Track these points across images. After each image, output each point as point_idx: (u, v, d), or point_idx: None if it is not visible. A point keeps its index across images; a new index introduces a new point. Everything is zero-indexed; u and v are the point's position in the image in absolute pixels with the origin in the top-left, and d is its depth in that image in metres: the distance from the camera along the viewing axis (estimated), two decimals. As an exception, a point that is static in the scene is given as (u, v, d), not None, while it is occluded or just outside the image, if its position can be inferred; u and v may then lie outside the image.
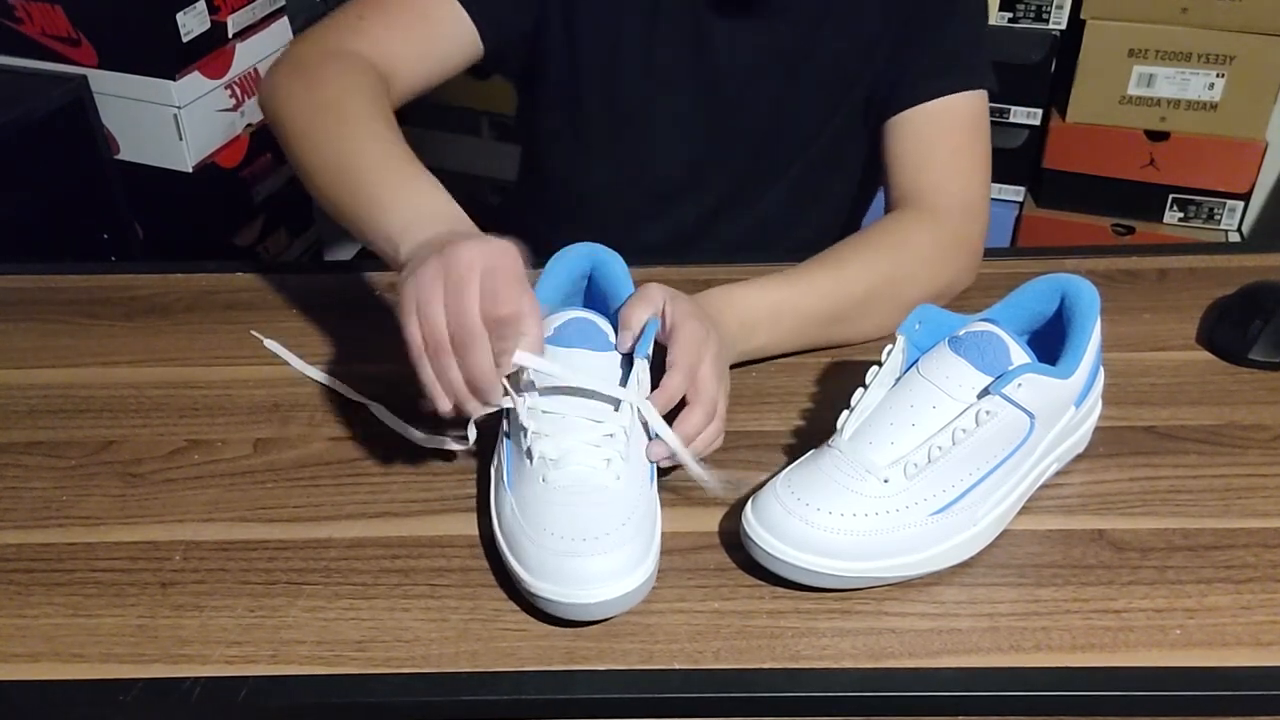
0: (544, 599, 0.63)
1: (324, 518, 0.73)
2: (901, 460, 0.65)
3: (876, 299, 0.86)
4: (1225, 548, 0.68)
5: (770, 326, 0.82)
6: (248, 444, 0.79)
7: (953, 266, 0.91)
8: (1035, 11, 1.87)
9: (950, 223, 0.92)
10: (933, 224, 0.91)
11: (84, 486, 0.76)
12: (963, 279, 0.92)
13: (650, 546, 0.65)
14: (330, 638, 0.64)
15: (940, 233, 0.91)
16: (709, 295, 0.80)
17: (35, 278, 1.01)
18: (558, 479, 0.66)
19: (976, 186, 0.96)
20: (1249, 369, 0.83)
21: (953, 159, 0.96)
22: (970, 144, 0.96)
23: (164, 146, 1.65)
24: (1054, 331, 0.72)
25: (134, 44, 1.60)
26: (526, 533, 0.65)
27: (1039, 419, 0.66)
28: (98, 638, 0.65)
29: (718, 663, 0.62)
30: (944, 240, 0.91)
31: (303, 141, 0.82)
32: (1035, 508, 0.71)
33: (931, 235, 0.90)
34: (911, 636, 0.63)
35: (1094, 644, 0.62)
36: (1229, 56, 1.80)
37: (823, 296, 0.84)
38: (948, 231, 0.91)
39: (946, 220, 0.92)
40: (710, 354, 0.72)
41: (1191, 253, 0.98)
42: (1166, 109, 1.87)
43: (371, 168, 0.76)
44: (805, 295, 0.84)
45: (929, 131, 0.95)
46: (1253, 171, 1.90)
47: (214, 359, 0.89)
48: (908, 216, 0.93)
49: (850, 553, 0.64)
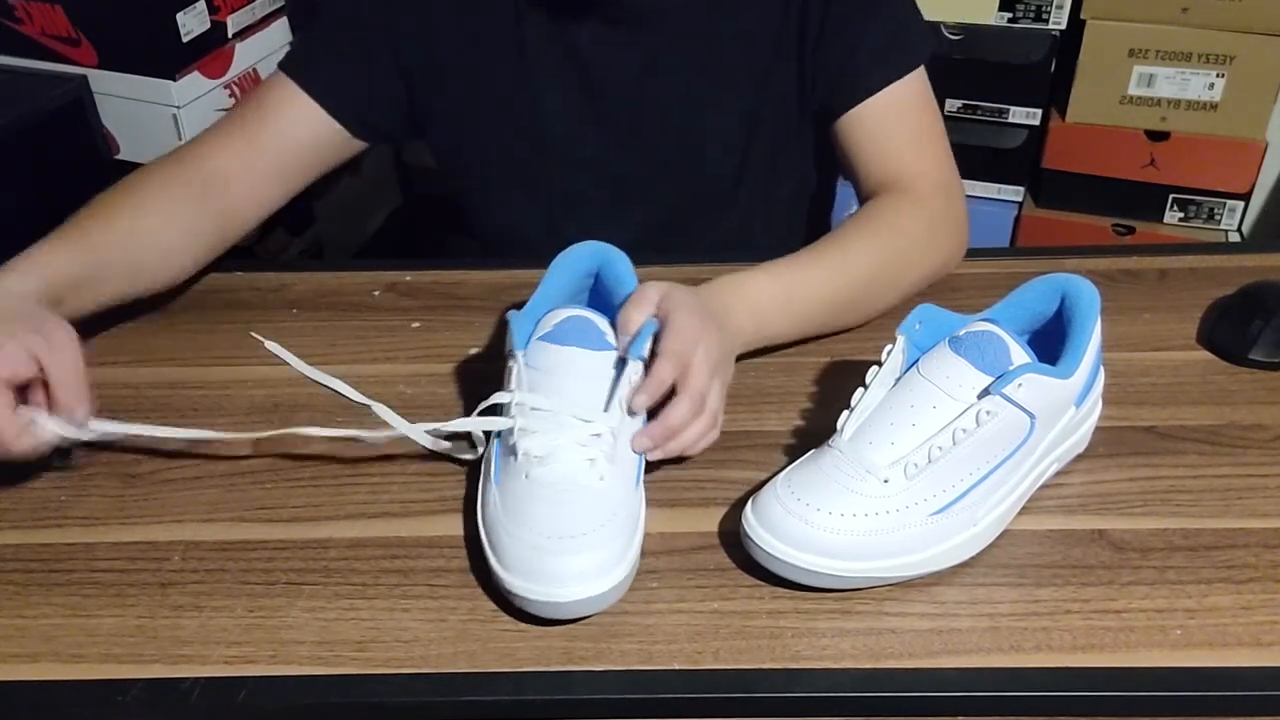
0: (519, 595, 0.63)
1: (324, 518, 0.73)
2: (901, 460, 0.65)
3: (879, 282, 0.86)
4: (1225, 548, 0.68)
5: (781, 313, 0.82)
6: (247, 444, 0.79)
7: (945, 246, 0.91)
8: (1035, 11, 1.87)
9: (933, 204, 0.91)
10: (917, 207, 0.91)
11: (83, 486, 0.76)
12: (954, 257, 0.93)
13: (629, 548, 0.65)
14: (330, 638, 0.64)
15: (926, 215, 0.91)
16: (716, 285, 0.80)
17: (35, 278, 1.01)
18: (541, 476, 0.66)
19: (945, 163, 0.95)
20: (1249, 369, 0.83)
21: (916, 143, 0.95)
22: (928, 124, 0.96)
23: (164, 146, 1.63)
24: (1054, 331, 0.72)
25: (134, 44, 1.60)
26: (507, 529, 0.65)
27: (1039, 419, 0.66)
28: (97, 638, 0.65)
29: (717, 663, 0.62)
30: (933, 221, 0.91)
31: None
32: (1035, 508, 0.71)
33: (919, 217, 0.90)
34: (911, 636, 0.63)
35: (1094, 644, 0.62)
36: (1229, 56, 1.80)
37: (830, 281, 0.84)
38: (933, 213, 0.91)
39: (930, 202, 0.91)
40: (705, 345, 0.71)
41: (1191, 253, 0.98)
42: (1166, 109, 1.87)
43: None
44: (812, 280, 0.84)
45: (885, 123, 0.94)
46: (1253, 171, 1.90)
47: (214, 359, 0.89)
48: (891, 201, 0.91)
49: (850, 553, 0.64)
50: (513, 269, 0.97)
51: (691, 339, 0.71)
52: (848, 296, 0.85)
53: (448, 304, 0.94)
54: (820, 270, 0.84)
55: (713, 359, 0.72)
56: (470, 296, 0.95)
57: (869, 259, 0.86)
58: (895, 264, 0.88)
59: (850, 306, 0.86)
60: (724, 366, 0.75)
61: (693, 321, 0.71)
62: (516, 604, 0.64)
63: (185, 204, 0.89)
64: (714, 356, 0.72)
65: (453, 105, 0.99)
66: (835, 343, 0.87)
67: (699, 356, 0.71)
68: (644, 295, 0.73)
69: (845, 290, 0.85)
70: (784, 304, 0.82)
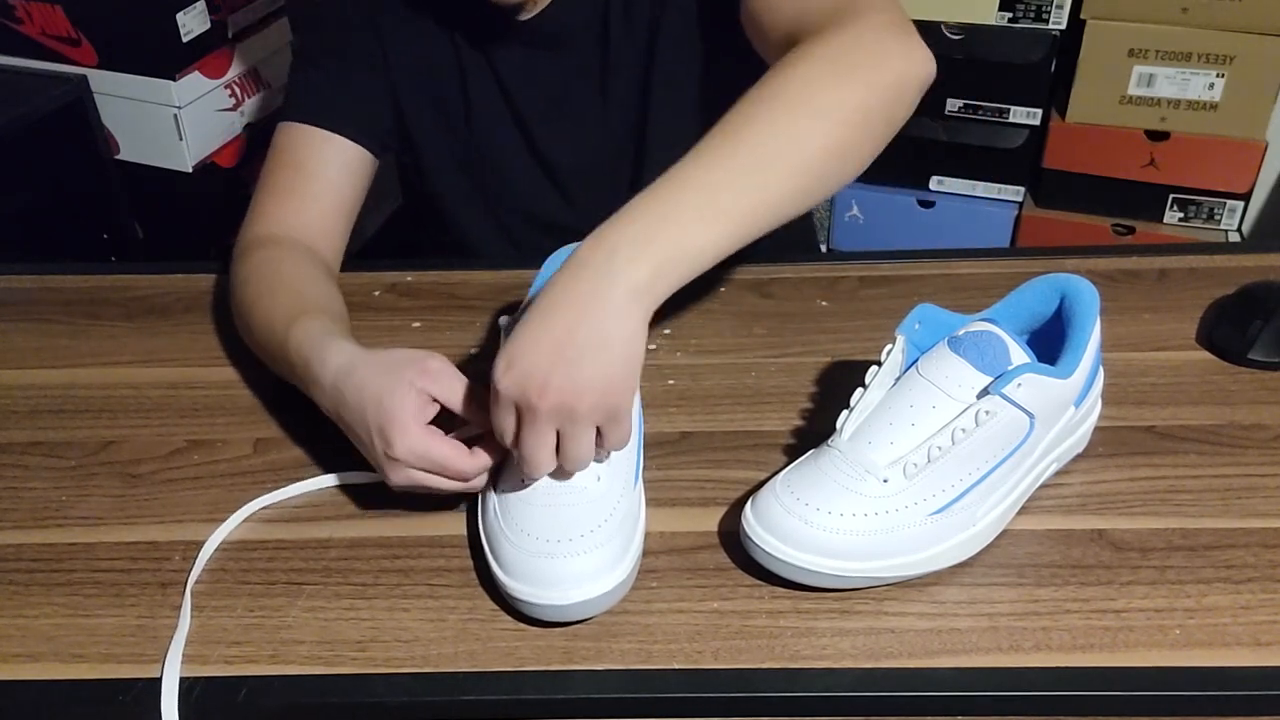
0: (521, 600, 0.63)
1: (324, 518, 0.73)
2: (901, 460, 0.65)
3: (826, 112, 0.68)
4: (1225, 548, 0.68)
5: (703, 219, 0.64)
6: (248, 444, 0.79)
7: (897, 49, 0.72)
8: (1035, 11, 1.87)
9: (862, 18, 0.72)
10: (841, 26, 0.72)
11: (84, 486, 0.76)
12: (917, 67, 0.72)
13: (629, 548, 0.65)
14: (330, 638, 0.64)
15: (857, 28, 0.72)
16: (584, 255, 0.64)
17: (35, 278, 1.01)
18: (537, 479, 0.66)
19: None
20: (1249, 369, 0.83)
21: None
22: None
23: (164, 146, 1.65)
24: (1054, 331, 0.72)
25: (134, 44, 1.60)
26: (506, 534, 0.65)
27: (1039, 419, 0.66)
28: (98, 637, 0.65)
29: (717, 662, 0.62)
30: (872, 31, 0.72)
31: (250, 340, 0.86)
32: (1035, 508, 0.71)
33: (843, 35, 0.71)
34: (911, 636, 0.63)
35: (1094, 644, 0.62)
36: (1229, 56, 1.80)
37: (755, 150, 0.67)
38: (866, 23, 0.72)
39: (858, 16, 0.73)
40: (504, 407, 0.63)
41: (1191, 253, 0.98)
42: (1166, 109, 1.87)
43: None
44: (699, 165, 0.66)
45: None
46: (1253, 171, 1.90)
47: (214, 359, 0.89)
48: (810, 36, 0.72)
49: (849, 553, 0.64)
50: (513, 269, 0.97)
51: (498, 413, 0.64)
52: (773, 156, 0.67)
53: (449, 304, 0.95)
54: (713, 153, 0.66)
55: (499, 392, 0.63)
56: (471, 297, 0.95)
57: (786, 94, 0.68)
58: (830, 86, 0.69)
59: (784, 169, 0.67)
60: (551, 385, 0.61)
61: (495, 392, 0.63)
62: (518, 608, 0.64)
63: (314, 265, 0.90)
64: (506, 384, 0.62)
65: (415, 126, 1.02)
66: (835, 343, 0.87)
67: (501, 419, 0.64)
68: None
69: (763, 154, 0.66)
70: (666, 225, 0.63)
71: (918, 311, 0.71)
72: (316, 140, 0.95)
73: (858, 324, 0.90)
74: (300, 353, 0.75)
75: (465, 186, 1.06)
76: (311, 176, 0.95)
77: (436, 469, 0.67)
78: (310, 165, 0.95)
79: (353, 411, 0.69)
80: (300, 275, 0.87)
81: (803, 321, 0.90)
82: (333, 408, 0.71)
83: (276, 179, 0.96)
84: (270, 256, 0.88)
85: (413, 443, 0.66)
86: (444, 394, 0.68)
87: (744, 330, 0.89)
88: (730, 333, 0.89)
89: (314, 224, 0.94)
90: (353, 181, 0.97)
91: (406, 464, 0.66)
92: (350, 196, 0.98)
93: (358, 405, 0.68)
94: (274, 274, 0.86)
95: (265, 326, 0.81)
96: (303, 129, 0.95)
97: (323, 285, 0.87)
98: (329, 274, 0.90)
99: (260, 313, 0.82)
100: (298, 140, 0.96)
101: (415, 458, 0.66)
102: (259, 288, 0.85)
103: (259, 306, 0.83)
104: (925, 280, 0.95)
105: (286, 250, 0.89)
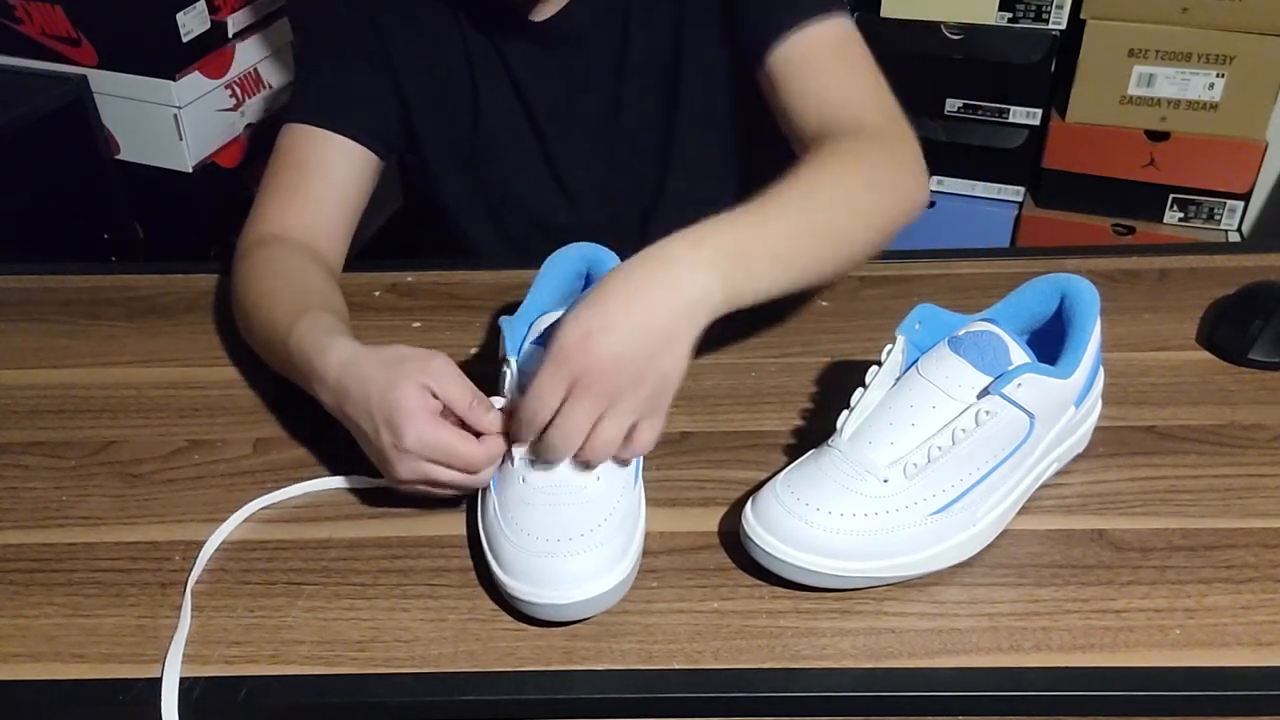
0: (521, 600, 0.63)
1: (324, 518, 0.73)
2: (901, 460, 0.65)
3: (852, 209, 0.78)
4: (1225, 548, 0.68)
5: (746, 262, 0.70)
6: (248, 444, 0.79)
7: (908, 179, 0.84)
8: (1035, 11, 1.87)
9: (887, 139, 0.84)
10: (873, 137, 0.84)
11: (84, 486, 0.76)
12: (920, 195, 0.84)
13: (629, 547, 0.65)
14: (330, 638, 0.64)
15: (886, 143, 0.84)
16: (656, 255, 0.68)
17: (35, 278, 1.01)
18: (537, 479, 0.66)
19: (892, 105, 0.88)
20: (1249, 369, 0.83)
21: (851, 80, 0.89)
22: (861, 67, 0.90)
23: (164, 146, 1.65)
24: (1054, 331, 0.72)
25: (134, 44, 1.60)
26: (506, 534, 0.65)
27: (1039, 419, 0.66)
28: (98, 638, 0.65)
29: (717, 662, 0.62)
30: (892, 148, 0.84)
31: (253, 340, 0.86)
32: (1035, 508, 0.71)
33: (878, 144, 0.83)
34: (911, 636, 0.63)
35: (1094, 644, 0.62)
36: (1229, 56, 1.80)
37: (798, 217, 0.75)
38: (892, 143, 0.84)
39: (884, 136, 0.85)
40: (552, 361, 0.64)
41: (1191, 253, 0.98)
42: (1166, 109, 1.87)
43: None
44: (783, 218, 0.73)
45: (812, 59, 0.89)
46: (1253, 171, 1.90)
47: (214, 359, 0.89)
48: (844, 137, 0.83)
49: (850, 553, 0.64)
50: (513, 269, 0.97)
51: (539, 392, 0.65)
52: (822, 230, 0.75)
53: (449, 304, 0.95)
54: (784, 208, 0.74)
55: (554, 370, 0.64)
56: (471, 297, 0.95)
57: (835, 185, 0.78)
58: (864, 189, 0.79)
59: (827, 242, 0.75)
60: (604, 370, 0.64)
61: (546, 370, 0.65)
62: (518, 608, 0.64)
63: (316, 266, 0.90)
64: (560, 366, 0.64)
65: (419, 124, 1.02)
66: (835, 343, 0.87)
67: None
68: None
69: (816, 225, 0.75)
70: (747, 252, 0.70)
71: (918, 311, 0.71)
72: (320, 141, 0.95)
73: (858, 324, 0.90)
74: (302, 349, 0.75)
75: (467, 186, 1.06)
76: (314, 177, 0.95)
77: (445, 459, 0.67)
78: (313, 166, 0.95)
79: (357, 405, 0.69)
80: (302, 275, 0.87)
81: (802, 321, 0.90)
82: (336, 403, 0.71)
83: (280, 179, 0.96)
84: (272, 256, 0.88)
85: (422, 431, 0.66)
86: (446, 393, 0.68)
87: (744, 330, 0.89)
88: (730, 333, 0.89)
89: (317, 225, 0.94)
90: (356, 182, 0.98)
91: (415, 454, 0.66)
92: (354, 198, 0.98)
93: (362, 398, 0.68)
94: (276, 273, 0.86)
95: (267, 325, 0.81)
96: (306, 130, 0.95)
97: (324, 285, 0.87)
98: (331, 274, 0.90)
99: (262, 311, 0.82)
100: (301, 141, 0.96)
101: (424, 447, 0.66)
102: (261, 287, 0.85)
103: (261, 305, 0.83)
104: (925, 280, 0.95)
105: (289, 250, 0.89)
